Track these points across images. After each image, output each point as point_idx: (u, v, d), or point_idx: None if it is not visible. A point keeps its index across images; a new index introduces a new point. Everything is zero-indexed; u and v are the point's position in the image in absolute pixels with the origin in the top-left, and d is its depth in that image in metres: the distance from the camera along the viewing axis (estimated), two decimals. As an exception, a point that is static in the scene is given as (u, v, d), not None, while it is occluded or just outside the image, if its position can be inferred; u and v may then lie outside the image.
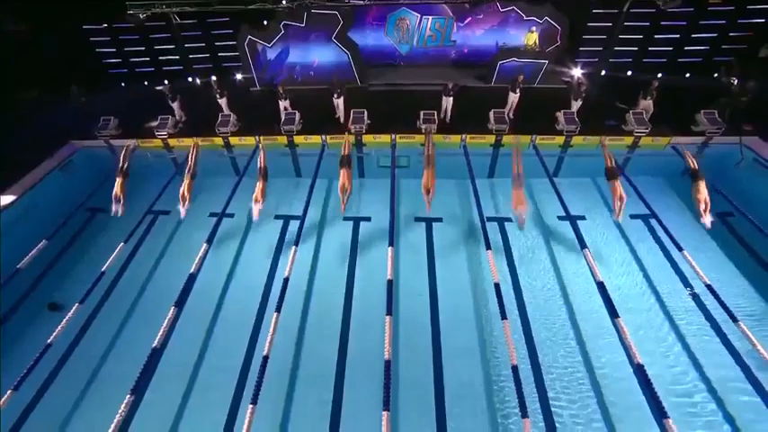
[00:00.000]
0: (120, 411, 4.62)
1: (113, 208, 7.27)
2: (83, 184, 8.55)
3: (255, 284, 6.60)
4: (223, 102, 9.46)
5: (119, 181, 7.53)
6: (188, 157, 8.04)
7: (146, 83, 12.26)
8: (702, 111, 8.76)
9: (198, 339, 5.89)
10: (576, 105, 9.01)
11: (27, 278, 6.59)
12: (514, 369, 4.79)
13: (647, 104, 8.94)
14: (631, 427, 4.78)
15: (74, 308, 5.91)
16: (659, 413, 4.39)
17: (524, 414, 4.34)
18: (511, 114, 9.18)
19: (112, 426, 4.46)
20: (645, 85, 8.96)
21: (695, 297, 6.07)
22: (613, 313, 5.43)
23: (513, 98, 9.18)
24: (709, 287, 5.85)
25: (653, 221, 7.21)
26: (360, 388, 5.09)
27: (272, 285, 6.49)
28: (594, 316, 5.91)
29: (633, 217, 7.46)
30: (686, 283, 6.39)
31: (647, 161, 8.84)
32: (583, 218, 7.29)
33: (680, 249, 6.46)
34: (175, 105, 9.42)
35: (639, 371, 4.77)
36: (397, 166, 8.38)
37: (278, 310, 5.55)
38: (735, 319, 5.38)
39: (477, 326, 5.86)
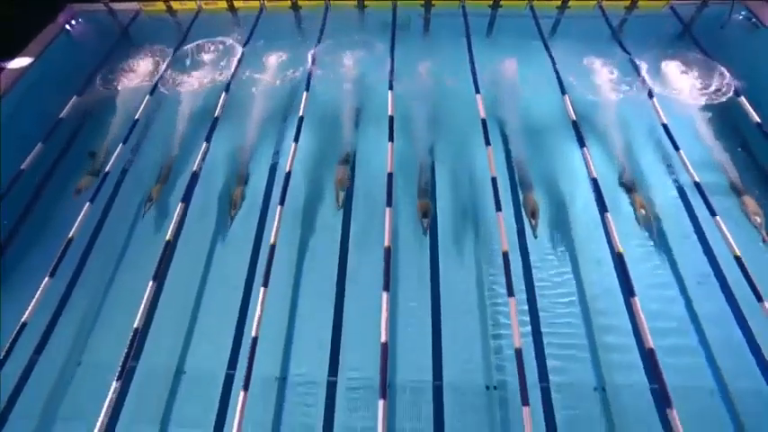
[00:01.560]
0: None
1: None
2: (92, 48, 8.85)
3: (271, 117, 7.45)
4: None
5: None
6: None
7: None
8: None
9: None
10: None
11: (67, 130, 7.34)
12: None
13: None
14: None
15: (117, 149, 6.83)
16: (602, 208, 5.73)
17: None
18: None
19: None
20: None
21: None
22: (581, 142, 6.51)
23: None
24: (664, 126, 6.71)
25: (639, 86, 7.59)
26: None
27: (286, 122, 7.32)
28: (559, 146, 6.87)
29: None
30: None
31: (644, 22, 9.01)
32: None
33: (651, 96, 7.16)
34: None
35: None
36: (398, 27, 8.67)
37: (296, 140, 6.58)
38: (677, 148, 6.39)
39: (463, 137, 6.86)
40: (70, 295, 5.55)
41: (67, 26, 9.13)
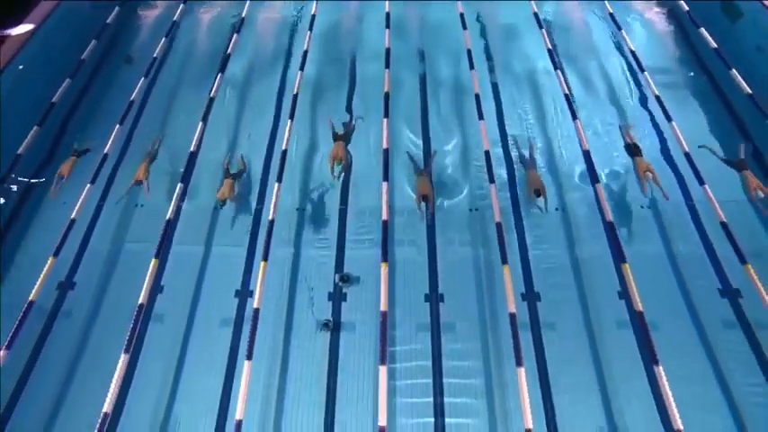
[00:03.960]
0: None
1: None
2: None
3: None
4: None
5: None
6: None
7: None
8: None
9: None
10: None
11: (107, 36, 8.33)
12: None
13: None
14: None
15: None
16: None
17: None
18: None
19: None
20: None
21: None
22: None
23: None
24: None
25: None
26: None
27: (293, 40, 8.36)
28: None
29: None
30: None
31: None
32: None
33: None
34: None
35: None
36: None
37: (310, 29, 7.81)
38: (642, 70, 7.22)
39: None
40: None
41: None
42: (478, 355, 4.89)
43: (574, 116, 6.44)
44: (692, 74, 7.32)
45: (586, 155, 6.06)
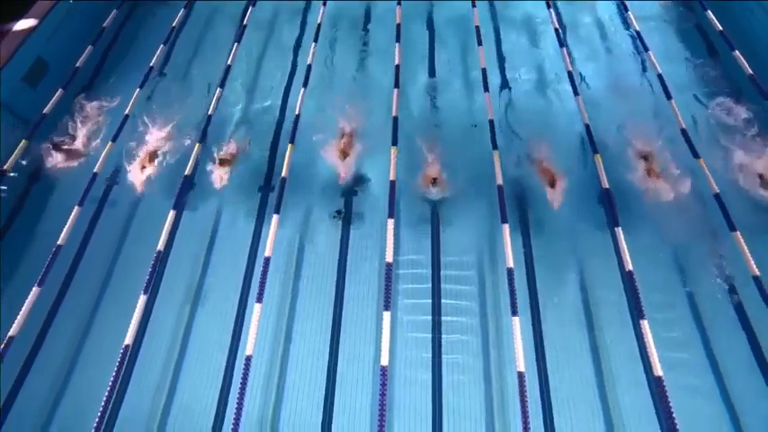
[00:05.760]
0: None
1: None
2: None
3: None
4: None
5: None
6: None
7: None
8: None
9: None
10: None
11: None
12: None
13: None
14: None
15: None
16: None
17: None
18: None
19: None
20: None
21: None
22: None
23: None
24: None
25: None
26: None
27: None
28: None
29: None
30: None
31: None
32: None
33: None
34: None
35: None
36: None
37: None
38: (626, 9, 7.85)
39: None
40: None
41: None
42: (473, 250, 5.53)
43: (561, 44, 7.24)
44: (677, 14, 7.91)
45: (570, 75, 6.86)
